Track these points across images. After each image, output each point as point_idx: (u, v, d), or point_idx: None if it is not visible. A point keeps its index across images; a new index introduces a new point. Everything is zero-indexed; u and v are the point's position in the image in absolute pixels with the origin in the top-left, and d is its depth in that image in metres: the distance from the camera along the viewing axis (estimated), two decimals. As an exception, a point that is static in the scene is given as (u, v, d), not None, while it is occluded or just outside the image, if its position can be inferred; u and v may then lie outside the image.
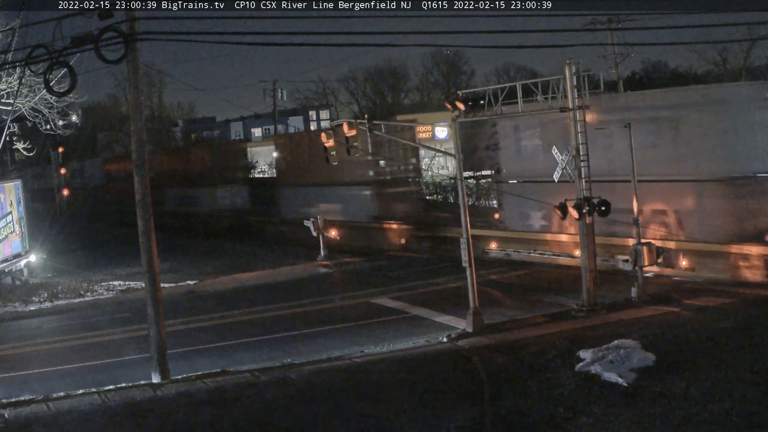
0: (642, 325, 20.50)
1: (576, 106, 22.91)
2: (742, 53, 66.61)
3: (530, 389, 16.30)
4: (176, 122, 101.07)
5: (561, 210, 22.93)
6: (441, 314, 24.07)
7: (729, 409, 14.19)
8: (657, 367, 16.77)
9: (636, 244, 23.72)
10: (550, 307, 23.81)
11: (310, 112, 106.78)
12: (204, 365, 20.08)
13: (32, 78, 28.89)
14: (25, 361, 22.29)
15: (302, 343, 22.16)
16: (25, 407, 17.02)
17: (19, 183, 38.62)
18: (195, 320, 26.38)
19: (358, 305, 26.90)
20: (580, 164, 22.90)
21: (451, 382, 17.46)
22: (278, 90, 67.13)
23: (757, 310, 21.40)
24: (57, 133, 36.38)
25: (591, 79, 25.46)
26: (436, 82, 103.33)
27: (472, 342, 20.49)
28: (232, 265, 38.00)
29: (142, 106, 19.23)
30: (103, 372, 20.27)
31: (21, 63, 22.47)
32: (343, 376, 18.22)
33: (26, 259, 37.22)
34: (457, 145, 22.51)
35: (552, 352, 18.52)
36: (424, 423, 14.91)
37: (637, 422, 14.11)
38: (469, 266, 21.77)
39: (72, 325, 27.05)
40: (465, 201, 22.13)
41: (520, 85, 25.32)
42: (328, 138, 26.08)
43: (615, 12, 48.58)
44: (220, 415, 16.03)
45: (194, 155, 62.88)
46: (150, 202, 19.09)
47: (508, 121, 31.59)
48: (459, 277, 25.44)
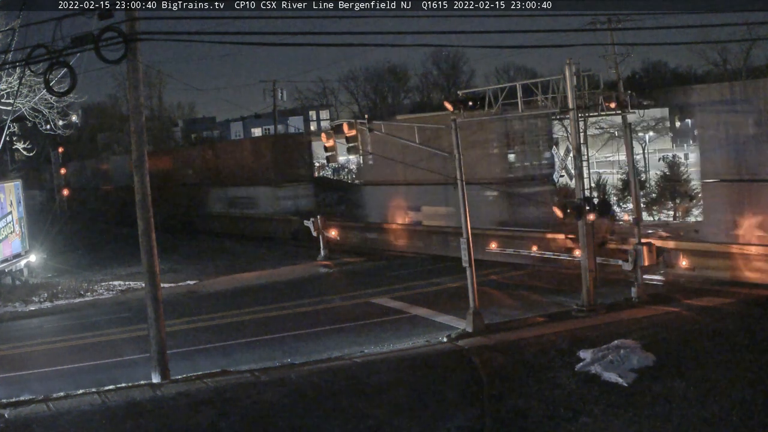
0: (642, 325, 20.49)
1: (576, 106, 22.91)
2: (742, 53, 66.55)
3: (530, 389, 16.30)
4: (176, 122, 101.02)
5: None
6: (441, 314, 24.06)
7: (729, 409, 14.20)
8: (657, 367, 16.78)
9: (636, 244, 23.71)
10: (550, 307, 23.82)
11: (310, 112, 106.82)
12: (204, 365, 20.07)
13: (32, 78, 28.84)
14: (25, 361, 22.27)
15: (302, 343, 22.15)
16: (25, 407, 17.01)
17: (19, 183, 38.60)
18: (195, 320, 26.36)
19: (358, 305, 26.89)
20: (581, 164, 22.91)
21: (451, 383, 17.45)
22: (278, 90, 67.07)
23: (757, 309, 21.41)
24: (57, 133, 36.33)
25: (591, 79, 25.46)
26: (436, 82, 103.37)
27: (472, 342, 20.48)
28: (232, 265, 37.98)
29: (142, 106, 19.22)
30: (103, 372, 20.25)
31: (21, 63, 22.47)
32: (343, 376, 18.21)
33: (26, 259, 37.20)
34: (457, 145, 22.49)
35: (552, 352, 18.52)
36: (424, 423, 14.91)
37: (637, 422, 14.12)
38: (469, 266, 21.76)
39: (72, 325, 27.04)
40: (465, 201, 22.11)
41: (520, 85, 25.33)
42: (328, 138, 26.08)
43: (615, 12, 48.54)
44: (220, 415, 16.02)
45: (245, 150, 54.92)
46: (150, 202, 19.07)
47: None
48: (459, 277, 25.43)
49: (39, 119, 34.27)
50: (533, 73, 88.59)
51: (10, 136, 38.21)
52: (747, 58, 67.46)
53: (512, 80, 69.06)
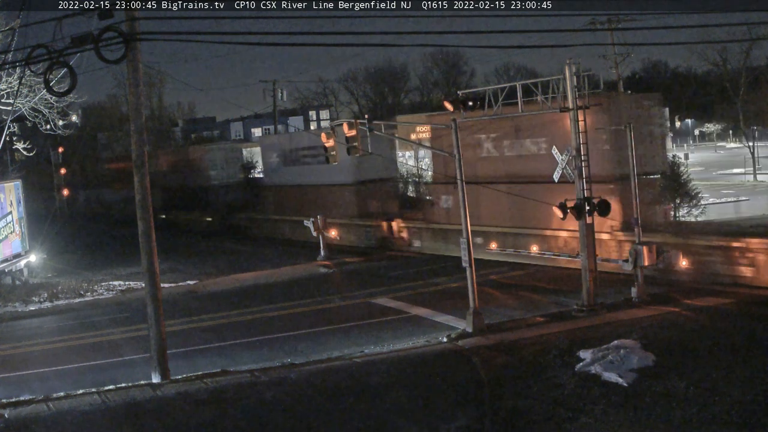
0: (642, 325, 20.49)
1: (576, 106, 22.91)
2: (742, 53, 66.53)
3: (530, 389, 16.29)
4: (176, 122, 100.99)
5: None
6: (441, 314, 24.06)
7: (729, 409, 14.19)
8: (657, 367, 16.77)
9: (636, 244, 23.71)
10: (550, 307, 23.82)
11: (310, 112, 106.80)
12: (204, 365, 20.08)
13: (32, 78, 28.86)
14: (25, 361, 22.29)
15: (302, 343, 22.16)
16: (25, 407, 17.03)
17: (19, 183, 38.62)
18: (195, 320, 26.38)
19: (358, 305, 26.89)
20: (581, 164, 22.91)
21: (451, 382, 17.45)
22: (278, 90, 66.95)
23: (757, 309, 21.41)
24: (57, 133, 36.32)
25: (591, 79, 25.46)
26: (436, 82, 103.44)
27: (472, 342, 20.49)
28: (232, 265, 38.00)
29: (142, 106, 19.23)
30: (103, 372, 20.27)
31: (21, 63, 22.48)
32: (343, 376, 18.21)
33: (26, 259, 37.23)
34: (457, 145, 22.49)
35: (552, 352, 18.51)
36: (424, 423, 14.91)
37: (637, 422, 14.12)
38: (469, 266, 21.76)
39: (72, 325, 27.06)
40: (465, 201, 22.11)
41: (520, 85, 25.33)
42: (328, 138, 26.07)
43: (615, 12, 48.72)
44: (220, 415, 16.03)
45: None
46: (150, 202, 19.08)
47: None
48: (459, 277, 25.43)
49: (39, 119, 34.27)
50: (533, 73, 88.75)
51: (10, 136, 38.25)
52: (747, 58, 67.51)
53: (512, 80, 69.12)
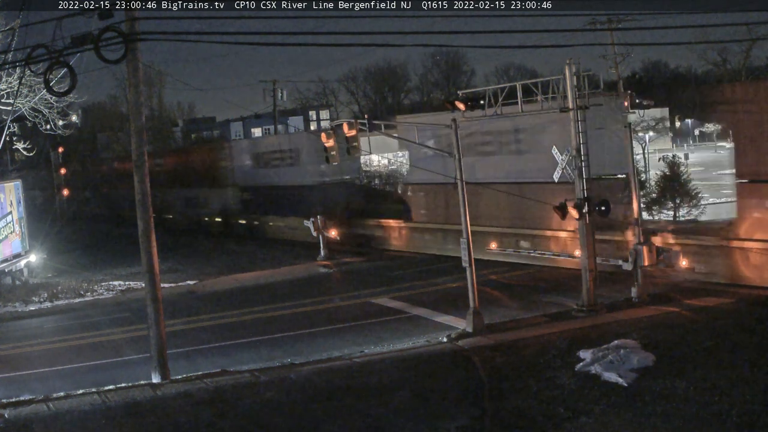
0: (642, 325, 20.50)
1: (576, 106, 22.90)
2: (742, 53, 66.47)
3: (530, 389, 16.30)
4: (176, 122, 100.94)
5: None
6: (441, 314, 24.07)
7: (729, 409, 14.19)
8: (657, 367, 16.78)
9: (636, 244, 23.70)
10: (550, 307, 23.81)
11: (310, 112, 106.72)
12: (204, 365, 20.09)
13: (32, 78, 28.84)
14: (25, 361, 22.29)
15: (302, 343, 22.16)
16: (25, 407, 17.04)
17: (19, 183, 38.61)
18: (195, 320, 26.38)
19: (358, 305, 26.89)
20: (581, 164, 22.89)
21: (451, 382, 17.46)
22: (278, 90, 66.94)
23: (757, 309, 21.40)
24: (57, 133, 36.31)
25: (591, 79, 25.44)
26: (436, 82, 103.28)
27: (472, 342, 20.49)
28: (232, 265, 37.99)
29: (142, 106, 19.23)
30: (103, 372, 20.27)
31: (21, 63, 22.47)
32: (343, 376, 18.22)
33: (26, 259, 37.21)
34: (457, 145, 22.48)
35: (552, 352, 18.52)
36: (424, 423, 14.91)
37: (637, 422, 14.12)
38: (469, 266, 21.76)
39: (72, 325, 27.05)
40: (465, 201, 22.10)
41: (520, 85, 25.31)
42: (328, 138, 26.02)
43: (615, 12, 48.68)
44: (220, 415, 16.03)
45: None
46: (150, 202, 19.08)
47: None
48: (459, 277, 25.42)
49: (39, 119, 34.26)
50: (533, 73, 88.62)
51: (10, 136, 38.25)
52: (747, 58, 67.47)
53: (512, 80, 69.09)
